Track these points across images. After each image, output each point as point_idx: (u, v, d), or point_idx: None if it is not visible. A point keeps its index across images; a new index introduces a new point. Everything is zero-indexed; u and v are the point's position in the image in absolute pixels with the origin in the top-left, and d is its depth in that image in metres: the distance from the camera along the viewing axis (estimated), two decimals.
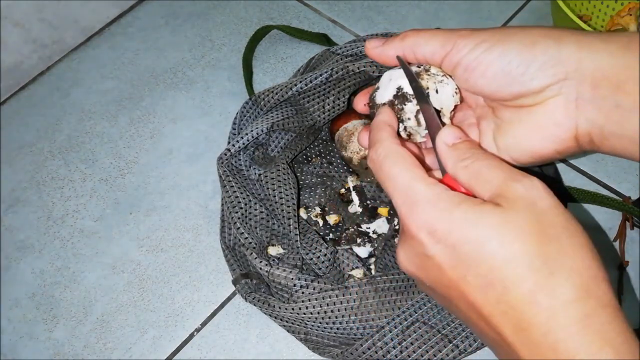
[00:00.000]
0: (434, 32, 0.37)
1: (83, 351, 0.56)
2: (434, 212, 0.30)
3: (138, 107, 0.70)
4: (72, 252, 0.61)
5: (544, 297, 0.27)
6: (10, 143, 0.69)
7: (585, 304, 0.27)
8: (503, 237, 0.28)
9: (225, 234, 0.57)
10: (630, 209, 0.53)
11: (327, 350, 0.51)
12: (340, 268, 0.53)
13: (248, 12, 0.77)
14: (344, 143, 0.58)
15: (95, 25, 0.77)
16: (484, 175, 0.31)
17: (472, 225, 0.29)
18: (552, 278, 0.28)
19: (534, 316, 0.28)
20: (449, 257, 0.30)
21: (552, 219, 0.29)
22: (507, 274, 0.28)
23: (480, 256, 0.29)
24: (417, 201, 0.31)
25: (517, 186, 0.30)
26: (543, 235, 0.28)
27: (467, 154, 0.32)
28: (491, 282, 0.29)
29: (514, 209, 0.29)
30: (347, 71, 0.55)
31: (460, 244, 0.29)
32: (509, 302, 0.28)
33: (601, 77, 0.33)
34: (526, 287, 0.28)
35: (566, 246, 0.29)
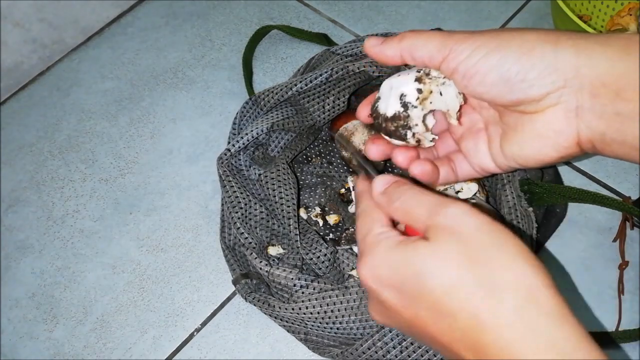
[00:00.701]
0: (431, 35, 0.37)
1: (83, 351, 0.56)
2: (376, 260, 0.32)
3: (138, 107, 0.70)
4: (72, 252, 0.61)
5: (488, 318, 0.28)
6: (10, 143, 0.69)
7: (526, 315, 0.28)
8: (436, 269, 0.30)
9: (225, 234, 0.57)
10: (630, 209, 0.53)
11: (327, 350, 0.51)
12: (340, 268, 0.53)
13: (248, 12, 0.77)
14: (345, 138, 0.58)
15: (95, 25, 0.77)
16: (413, 213, 0.33)
17: (408, 264, 0.31)
18: (490, 297, 0.28)
19: (484, 337, 0.28)
20: (398, 299, 0.31)
21: (478, 240, 0.30)
22: (450, 303, 0.29)
23: (422, 291, 0.30)
24: (363, 251, 0.33)
25: (439, 218, 0.31)
26: (471, 259, 0.29)
27: (396, 196, 0.34)
28: (440, 313, 0.30)
29: (439, 240, 0.30)
30: (347, 71, 0.55)
31: (403, 284, 0.31)
32: (460, 328, 0.29)
33: (600, 84, 0.33)
34: (469, 312, 0.28)
35: (497, 264, 0.29)
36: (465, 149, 0.41)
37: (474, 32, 0.36)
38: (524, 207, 0.50)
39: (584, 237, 0.57)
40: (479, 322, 0.28)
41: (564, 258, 0.56)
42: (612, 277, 0.55)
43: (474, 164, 0.41)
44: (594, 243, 0.57)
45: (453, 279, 0.29)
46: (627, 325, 0.52)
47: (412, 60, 0.38)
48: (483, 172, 0.42)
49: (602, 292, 0.54)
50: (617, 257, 0.55)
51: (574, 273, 0.55)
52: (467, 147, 0.41)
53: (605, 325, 0.53)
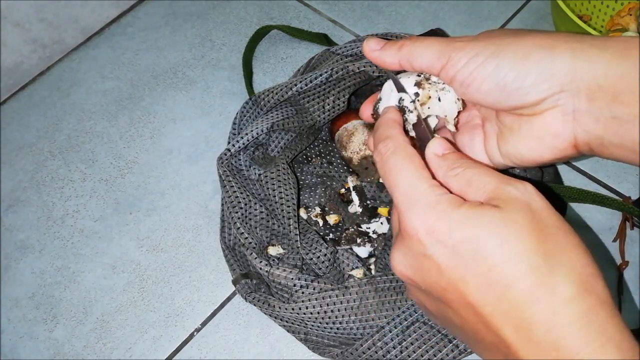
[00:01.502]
0: (430, 43, 0.37)
1: (83, 351, 0.56)
2: (433, 213, 0.30)
3: (138, 107, 0.70)
4: (72, 252, 0.61)
5: (545, 295, 0.27)
6: (10, 143, 0.69)
7: (585, 301, 0.27)
8: (502, 236, 0.29)
9: (225, 234, 0.57)
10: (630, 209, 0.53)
11: (327, 350, 0.51)
12: (340, 268, 0.53)
13: (248, 12, 0.77)
14: (344, 143, 0.58)
15: (95, 25, 0.77)
16: (475, 182, 0.31)
17: (471, 226, 0.29)
18: (552, 276, 0.28)
19: (535, 314, 0.27)
20: (448, 257, 0.30)
21: (547, 219, 0.29)
22: (507, 272, 0.28)
23: (479, 255, 0.29)
24: (417, 201, 0.31)
25: (510, 189, 0.30)
26: (541, 234, 0.29)
27: (457, 164, 0.33)
28: (491, 281, 0.28)
29: (511, 209, 0.29)
30: (347, 71, 0.55)
31: (459, 243, 0.29)
32: (509, 300, 0.28)
33: (597, 88, 0.32)
34: (527, 285, 0.28)
35: (563, 245, 0.29)
36: (460, 143, 0.41)
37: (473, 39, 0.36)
38: None
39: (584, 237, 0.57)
40: (533, 298, 0.28)
41: None
42: (612, 277, 0.55)
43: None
44: (594, 243, 0.57)
45: (518, 249, 0.28)
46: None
47: (411, 68, 0.38)
48: None
49: None
50: (617, 257, 0.55)
51: None
52: (462, 141, 0.41)
53: None
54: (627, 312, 0.53)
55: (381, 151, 0.35)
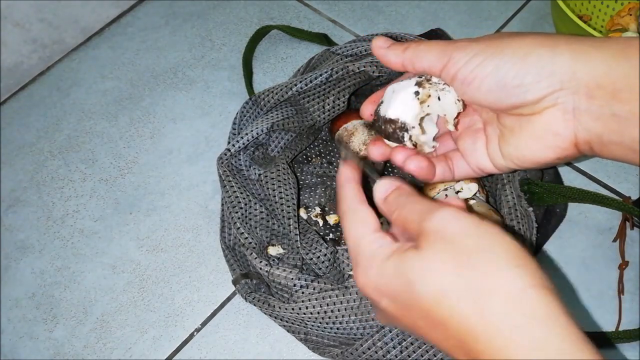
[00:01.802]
0: (432, 45, 0.38)
1: (83, 351, 0.56)
2: (372, 271, 0.32)
3: (138, 107, 0.70)
4: (72, 252, 0.61)
5: (477, 324, 0.28)
6: (10, 143, 0.69)
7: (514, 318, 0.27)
8: (424, 278, 0.30)
9: (225, 234, 0.57)
10: (630, 209, 0.53)
11: (327, 350, 0.51)
12: (340, 268, 0.53)
13: (248, 12, 0.77)
14: (344, 143, 0.58)
15: (95, 25, 0.77)
16: (408, 221, 0.33)
17: (400, 275, 0.31)
18: (479, 303, 0.28)
19: (477, 344, 0.28)
20: (395, 308, 0.32)
21: (463, 244, 0.30)
22: (439, 311, 0.29)
23: (414, 301, 0.30)
24: (358, 262, 0.34)
25: (426, 224, 0.31)
26: (458, 265, 0.29)
27: (394, 206, 0.34)
28: (433, 321, 0.30)
29: (429, 247, 0.30)
30: (347, 71, 0.55)
31: (397, 294, 0.31)
32: (453, 336, 0.29)
33: (596, 86, 0.33)
34: (459, 319, 0.29)
35: (483, 268, 0.29)
36: (462, 148, 0.42)
37: (473, 40, 0.37)
38: (524, 207, 0.50)
39: (584, 237, 0.57)
40: (469, 328, 0.28)
41: (564, 258, 0.56)
42: (612, 277, 0.55)
43: (471, 163, 0.42)
44: (594, 243, 0.57)
45: (440, 286, 0.29)
46: (627, 325, 0.52)
47: (414, 70, 0.39)
48: (480, 171, 0.42)
49: (602, 292, 0.54)
50: (617, 257, 0.55)
51: (574, 273, 0.55)
52: (465, 146, 0.42)
53: (605, 325, 0.53)
54: (628, 312, 0.53)
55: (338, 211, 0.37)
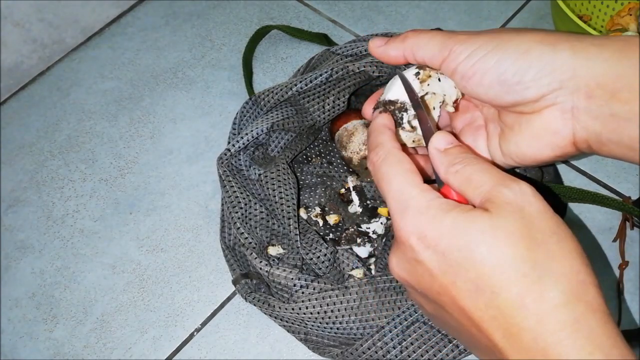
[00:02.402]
0: (432, 35, 0.38)
1: (83, 351, 0.56)
2: (424, 219, 0.31)
3: (138, 107, 0.70)
4: (72, 252, 0.61)
5: (533, 302, 0.28)
6: (10, 143, 0.69)
7: (574, 309, 0.27)
8: (491, 243, 0.29)
9: (225, 234, 0.57)
10: (630, 209, 0.53)
11: (327, 350, 0.51)
12: (340, 268, 0.53)
13: (248, 12, 0.77)
14: (344, 143, 0.58)
15: (95, 25, 0.77)
16: (475, 180, 0.31)
17: (461, 232, 0.29)
18: (541, 283, 0.28)
19: (523, 321, 0.28)
20: (438, 263, 0.30)
21: (540, 223, 0.29)
22: (496, 279, 0.28)
23: (469, 262, 0.29)
24: (408, 207, 0.32)
25: (505, 191, 0.30)
26: (531, 240, 0.28)
27: (458, 159, 0.33)
28: (480, 288, 0.29)
29: (502, 215, 0.29)
30: (347, 71, 0.55)
31: (449, 250, 0.30)
32: (498, 307, 0.28)
33: (595, 85, 0.33)
34: (514, 292, 0.28)
35: (554, 251, 0.28)
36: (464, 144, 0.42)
37: (475, 33, 0.37)
38: None
39: (584, 237, 0.57)
40: (522, 304, 0.28)
41: None
42: (612, 277, 0.55)
43: None
44: (594, 243, 0.57)
45: (506, 256, 0.28)
46: (627, 325, 0.52)
47: (414, 60, 0.39)
48: None
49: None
50: (617, 257, 0.55)
51: None
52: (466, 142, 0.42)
53: None
54: (628, 312, 0.53)
55: (372, 159, 0.35)
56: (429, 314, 0.35)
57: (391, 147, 0.35)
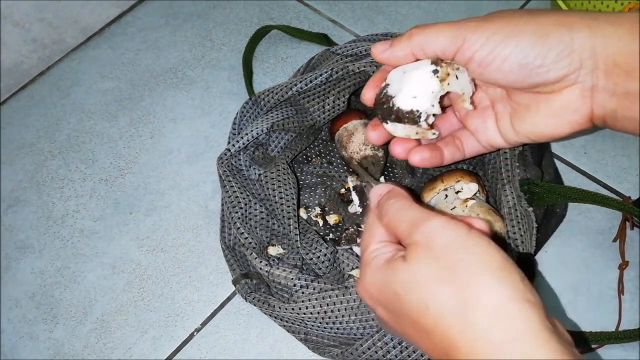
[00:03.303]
0: (440, 27, 0.37)
1: (83, 351, 0.56)
2: (367, 278, 0.33)
3: (138, 107, 0.70)
4: (72, 252, 0.61)
5: (458, 336, 0.28)
6: (10, 143, 0.69)
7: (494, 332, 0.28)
8: (410, 289, 0.30)
9: (225, 234, 0.57)
10: (630, 209, 0.53)
11: (327, 350, 0.51)
12: (340, 268, 0.53)
13: (248, 12, 0.77)
14: (344, 143, 0.58)
15: (95, 25, 0.77)
16: (397, 228, 0.33)
17: (389, 284, 0.32)
18: (461, 316, 0.28)
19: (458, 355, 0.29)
20: (388, 316, 0.33)
21: (449, 256, 0.30)
22: (425, 321, 0.30)
23: (403, 310, 0.31)
24: (360, 270, 0.35)
25: (415, 235, 0.31)
26: (442, 277, 0.30)
27: (384, 209, 0.35)
28: (420, 330, 0.30)
29: (414, 258, 0.31)
30: (347, 71, 0.55)
31: (388, 302, 0.32)
32: (436, 345, 0.30)
33: (612, 64, 0.33)
34: (441, 330, 0.29)
35: (466, 280, 0.29)
36: (472, 127, 0.42)
37: (484, 19, 0.36)
38: (524, 207, 0.50)
39: (584, 237, 0.57)
40: (451, 340, 0.29)
41: (564, 258, 0.56)
42: (612, 277, 0.55)
43: (482, 140, 0.42)
44: (594, 243, 0.57)
45: (424, 297, 0.30)
46: (627, 325, 0.52)
47: (424, 55, 0.38)
48: (491, 147, 0.42)
49: (602, 292, 0.54)
50: (617, 257, 0.55)
51: (574, 273, 0.55)
52: (475, 125, 0.41)
53: (605, 325, 0.53)
54: (628, 312, 0.53)
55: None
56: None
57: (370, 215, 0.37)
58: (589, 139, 0.62)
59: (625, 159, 0.61)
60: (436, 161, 0.42)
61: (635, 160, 0.61)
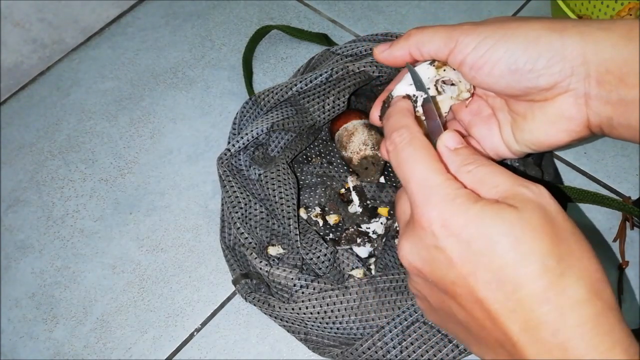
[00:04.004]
0: (436, 29, 0.37)
1: (83, 351, 0.56)
2: (450, 206, 0.30)
3: (138, 107, 0.70)
4: (72, 252, 0.61)
5: (555, 297, 0.27)
6: (10, 143, 0.69)
7: (595, 305, 0.28)
8: (517, 236, 0.28)
9: (225, 234, 0.57)
10: (630, 209, 0.53)
11: (327, 350, 0.51)
12: (340, 268, 0.53)
13: (248, 12, 0.77)
14: (344, 143, 0.58)
15: (95, 25, 0.77)
16: (488, 180, 0.31)
17: (487, 222, 0.29)
18: (564, 278, 0.28)
19: (544, 315, 0.27)
20: (460, 252, 0.30)
21: (561, 223, 0.29)
22: (519, 272, 0.28)
23: (493, 252, 0.29)
24: (433, 193, 0.31)
25: (525, 191, 0.30)
26: (555, 237, 0.29)
27: (470, 159, 0.32)
28: (502, 279, 0.28)
29: (527, 210, 0.29)
30: (347, 71, 0.55)
31: (474, 239, 0.29)
32: (519, 299, 0.28)
33: (605, 71, 0.33)
34: (537, 286, 0.28)
35: (575, 250, 0.29)
36: (478, 135, 0.42)
37: (479, 23, 0.36)
38: None
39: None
40: (544, 298, 0.28)
41: None
42: (612, 277, 0.55)
43: (489, 149, 0.41)
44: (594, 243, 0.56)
45: (532, 250, 0.28)
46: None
47: (421, 56, 0.39)
48: (497, 157, 0.42)
49: None
50: (617, 257, 0.55)
51: None
52: (481, 133, 0.41)
53: None
54: (628, 312, 0.53)
55: (395, 140, 0.34)
56: (431, 305, 0.34)
57: (416, 130, 0.34)
58: (588, 139, 0.63)
59: (625, 159, 0.61)
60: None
61: (635, 160, 0.61)
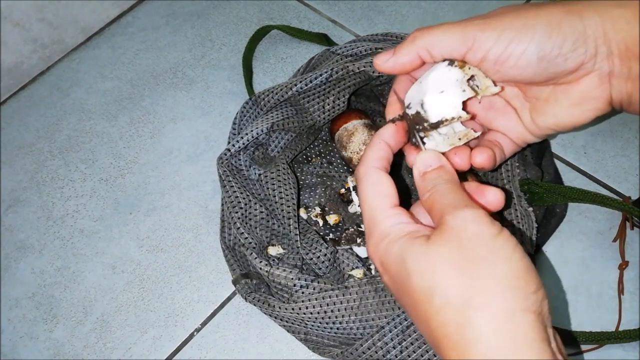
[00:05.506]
0: (446, 28, 0.36)
1: (83, 351, 0.56)
2: (382, 246, 0.33)
3: (138, 107, 0.70)
4: (72, 252, 0.61)
5: (457, 333, 0.28)
6: (10, 143, 0.69)
7: (492, 337, 0.28)
8: (422, 272, 0.30)
9: (225, 234, 0.57)
10: (630, 209, 0.53)
11: (327, 350, 0.51)
12: (340, 268, 0.53)
13: (248, 12, 0.77)
14: (344, 143, 0.58)
15: (95, 25, 0.77)
16: (435, 208, 0.33)
17: (402, 260, 0.31)
18: (465, 314, 0.28)
19: (451, 351, 0.29)
20: (393, 287, 0.33)
21: (474, 250, 0.30)
22: (426, 307, 0.30)
23: (408, 289, 0.31)
24: (372, 233, 0.34)
25: (448, 218, 0.31)
26: (460, 272, 0.29)
27: (430, 185, 0.34)
28: (418, 314, 0.31)
29: (438, 241, 0.30)
30: (347, 71, 0.55)
31: (397, 275, 0.32)
32: (432, 333, 0.30)
33: (624, 48, 0.34)
34: (441, 321, 0.29)
35: (481, 280, 0.29)
36: (503, 128, 0.41)
37: (490, 17, 0.36)
38: (524, 207, 0.50)
39: (584, 237, 0.57)
40: (445, 334, 0.29)
41: (564, 258, 0.56)
42: (612, 277, 0.55)
43: (515, 138, 0.41)
44: (594, 243, 0.57)
45: (435, 284, 0.29)
46: (627, 325, 0.52)
47: (431, 58, 0.37)
48: (524, 144, 0.42)
49: (602, 292, 0.54)
50: (617, 257, 0.55)
51: (574, 273, 0.55)
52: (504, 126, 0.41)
53: (605, 325, 0.53)
54: (628, 312, 0.53)
55: (356, 172, 0.37)
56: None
57: (370, 166, 0.36)
58: (589, 139, 0.62)
59: (625, 159, 0.61)
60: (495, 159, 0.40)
61: (635, 160, 0.61)
